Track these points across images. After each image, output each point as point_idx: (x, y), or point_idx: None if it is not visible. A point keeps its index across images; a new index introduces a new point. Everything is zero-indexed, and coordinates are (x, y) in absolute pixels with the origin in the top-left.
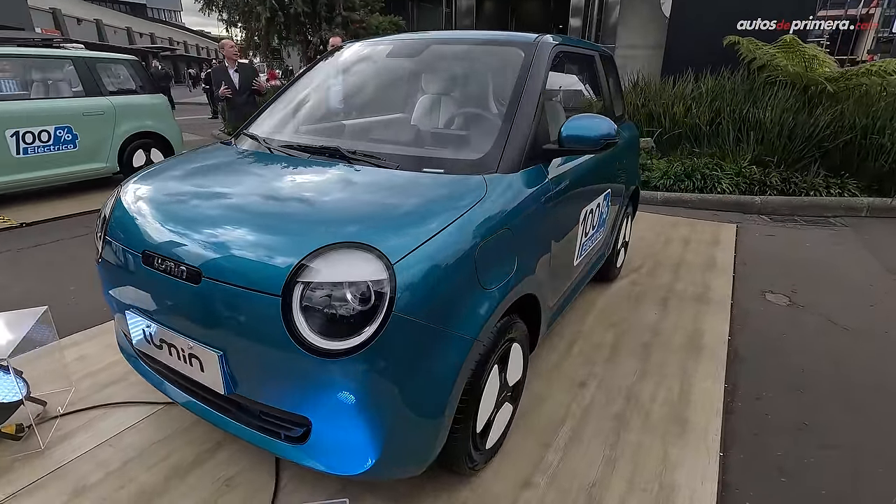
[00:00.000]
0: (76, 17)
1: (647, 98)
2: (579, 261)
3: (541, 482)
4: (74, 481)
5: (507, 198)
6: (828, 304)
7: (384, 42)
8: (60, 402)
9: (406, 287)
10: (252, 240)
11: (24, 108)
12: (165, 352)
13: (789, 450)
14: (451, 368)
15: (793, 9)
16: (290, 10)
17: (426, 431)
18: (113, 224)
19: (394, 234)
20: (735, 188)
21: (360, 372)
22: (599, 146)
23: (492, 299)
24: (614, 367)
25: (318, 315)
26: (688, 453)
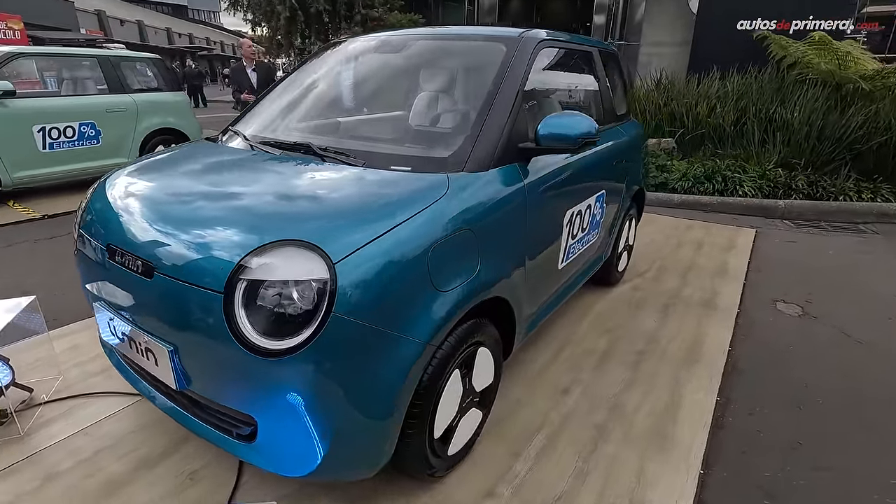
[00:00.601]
0: (119, 18)
1: (670, 97)
2: (566, 265)
3: (505, 492)
4: (47, 468)
5: (470, 197)
6: (844, 315)
7: (372, 39)
8: (47, 389)
9: (348, 287)
10: (202, 236)
11: (50, 104)
12: (127, 345)
13: (778, 470)
14: (398, 371)
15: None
16: (309, 10)
17: (373, 434)
18: (86, 217)
19: (340, 232)
20: (758, 191)
21: (300, 372)
22: (578, 145)
23: (448, 301)
24: (602, 375)
25: (259, 313)
26: (666, 469)
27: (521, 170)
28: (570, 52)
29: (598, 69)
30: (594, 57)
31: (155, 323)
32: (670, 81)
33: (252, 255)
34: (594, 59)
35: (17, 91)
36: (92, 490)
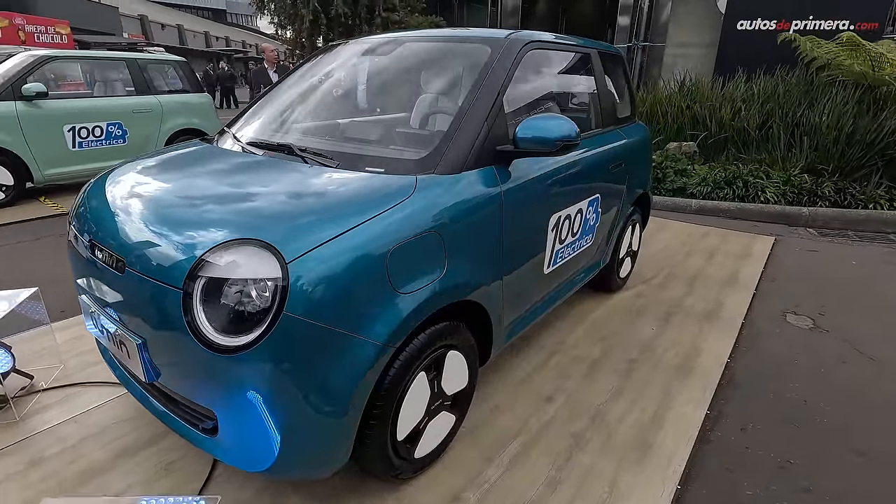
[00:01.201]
0: (161, 22)
1: (694, 99)
2: (553, 270)
3: (471, 497)
4: (33, 453)
5: (437, 200)
6: (859, 330)
7: (364, 42)
8: (47, 377)
9: (300, 286)
10: (168, 234)
11: (80, 105)
12: (106, 337)
13: (761, 489)
14: (352, 371)
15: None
16: (331, 13)
17: (328, 433)
18: (76, 214)
19: (297, 232)
20: (781, 198)
21: (253, 369)
22: (556, 148)
23: (409, 303)
24: (589, 384)
25: (215, 310)
26: (641, 482)
27: (498, 173)
28: (564, 54)
29: (596, 71)
30: (592, 59)
31: (126, 316)
32: (694, 83)
33: (209, 254)
34: (592, 61)
35: (49, 92)
36: (71, 476)
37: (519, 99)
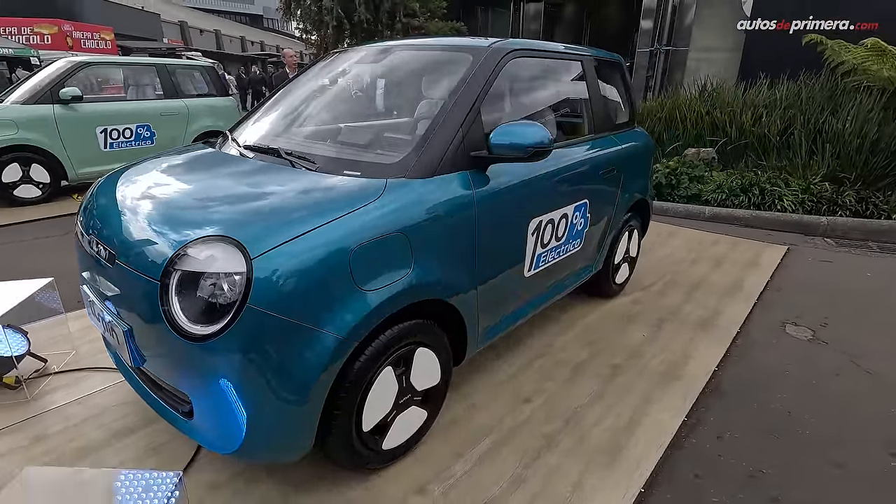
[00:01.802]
0: (199, 28)
1: (714, 105)
2: (535, 273)
3: (436, 490)
4: (39, 430)
5: (405, 202)
6: (861, 343)
7: (359, 50)
8: (59, 362)
9: (264, 280)
10: (152, 230)
11: (112, 108)
12: (101, 324)
13: (728, 497)
14: (313, 362)
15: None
16: (354, 19)
17: (290, 419)
18: (82, 209)
19: (264, 230)
20: (799, 206)
21: (220, 357)
22: (528, 154)
23: (371, 300)
24: (570, 387)
25: (187, 300)
26: (605, 484)
27: (472, 177)
28: (551, 61)
29: (588, 78)
30: (584, 66)
31: (115, 305)
32: (716, 88)
33: (183, 249)
34: (584, 68)
35: (83, 96)
36: (70, 452)
37: (499, 106)
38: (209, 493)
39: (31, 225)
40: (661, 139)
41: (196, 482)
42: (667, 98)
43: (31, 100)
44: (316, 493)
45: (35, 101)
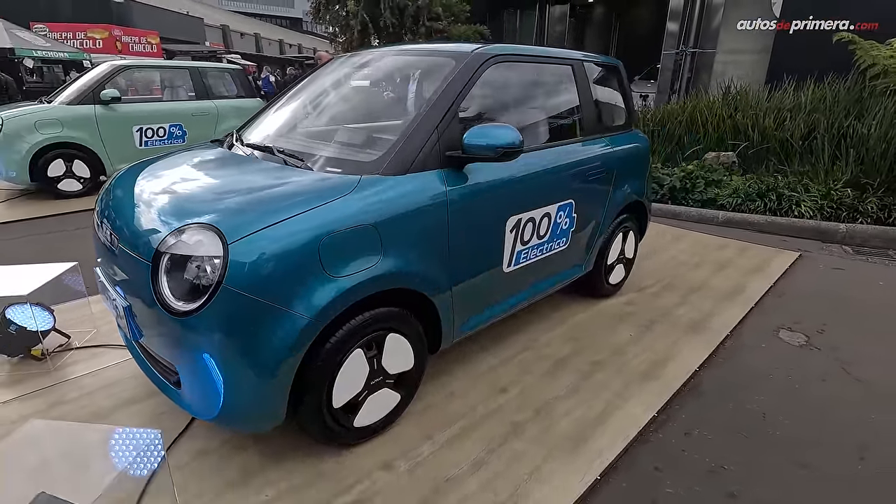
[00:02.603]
0: (240, 31)
1: (736, 108)
2: (516, 269)
3: (401, 467)
4: (57, 397)
5: (376, 197)
6: (856, 350)
7: (355, 55)
8: (81, 339)
9: (239, 264)
10: (150, 219)
11: (147, 108)
12: (110, 304)
13: (683, 490)
14: (282, 339)
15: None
16: (379, 23)
17: (262, 391)
18: (98, 201)
19: (242, 219)
20: (818, 212)
21: (199, 331)
22: (498, 154)
23: (339, 286)
24: (548, 380)
25: (174, 280)
26: (564, 470)
27: (446, 175)
28: (537, 66)
29: (578, 82)
30: (575, 70)
31: (119, 283)
32: (740, 91)
33: (171, 235)
34: (575, 73)
35: (122, 97)
36: (81, 417)
37: (480, 108)
38: (198, 457)
39: (73, 216)
40: (682, 142)
41: (188, 448)
42: (688, 101)
43: (75, 101)
44: (290, 463)
45: (78, 102)
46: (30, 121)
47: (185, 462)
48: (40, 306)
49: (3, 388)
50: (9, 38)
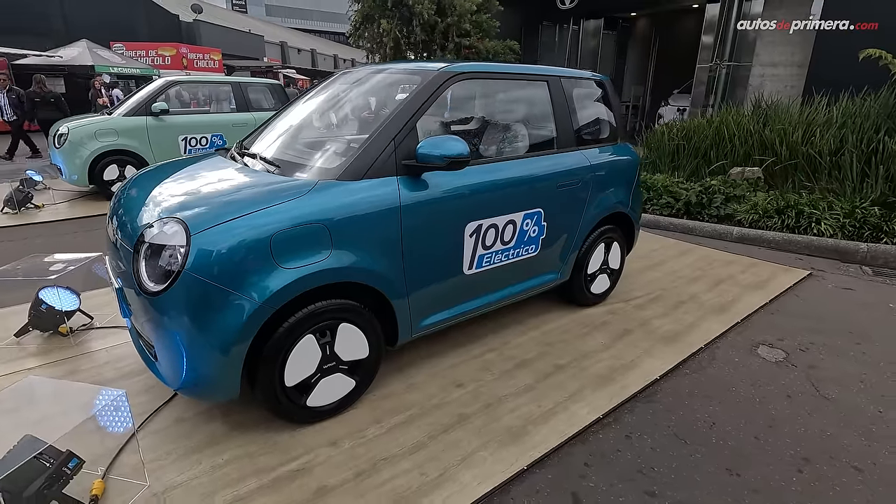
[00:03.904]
0: (297, 47)
1: (766, 122)
2: (478, 272)
3: (346, 444)
4: (72, 367)
5: (328, 199)
6: (833, 370)
7: (342, 73)
8: (103, 320)
9: (199, 252)
10: (140, 214)
11: (192, 119)
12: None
13: (604, 485)
14: (234, 320)
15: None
16: (410, 39)
17: (217, 365)
18: (112, 200)
19: (206, 214)
20: (839, 231)
21: (166, 309)
22: (446, 163)
23: (288, 276)
24: (506, 379)
25: (149, 265)
26: (494, 459)
27: (401, 181)
28: (509, 82)
29: (555, 97)
30: (551, 86)
31: (114, 269)
32: (770, 105)
33: (150, 227)
34: (551, 88)
35: (169, 109)
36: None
37: (442, 121)
38: (174, 424)
39: None
40: (709, 157)
41: (168, 415)
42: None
43: (130, 112)
44: (250, 434)
45: (133, 114)
46: (90, 130)
47: (164, 427)
48: (69, 289)
49: (34, 357)
50: (90, 56)
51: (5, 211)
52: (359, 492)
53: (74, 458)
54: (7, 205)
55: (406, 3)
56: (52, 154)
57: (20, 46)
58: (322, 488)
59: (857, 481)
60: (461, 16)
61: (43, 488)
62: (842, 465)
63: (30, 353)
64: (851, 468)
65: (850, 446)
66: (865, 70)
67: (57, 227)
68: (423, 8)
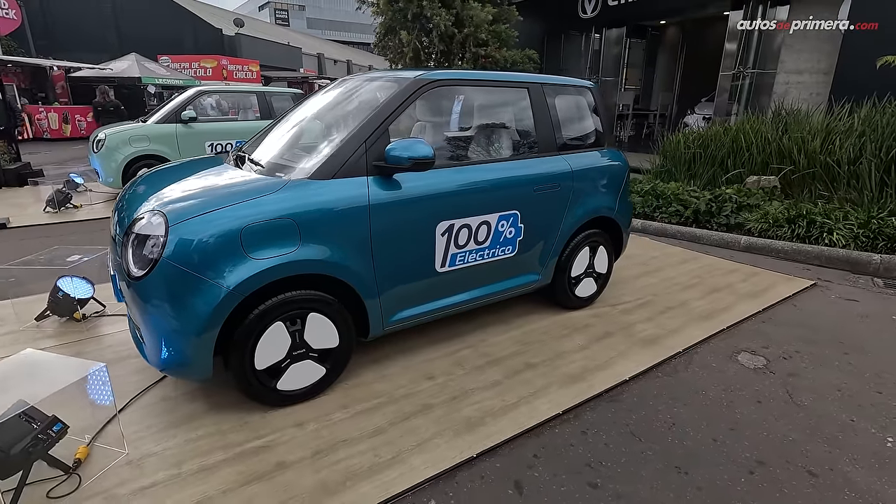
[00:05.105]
0: (333, 59)
1: (785, 130)
2: (450, 270)
3: (311, 426)
4: (79, 349)
5: (297, 196)
6: (813, 379)
7: (347, 79)
8: (114, 308)
9: (175, 242)
10: (133, 209)
11: (218, 126)
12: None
13: (549, 475)
14: (206, 304)
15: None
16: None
17: (191, 346)
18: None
19: (185, 208)
20: (852, 241)
21: (146, 293)
22: (409, 164)
23: (257, 266)
24: (476, 374)
25: (135, 254)
26: (448, 445)
27: (372, 181)
28: (486, 89)
29: (535, 103)
30: (532, 92)
31: (111, 258)
32: (790, 112)
33: (137, 220)
34: (531, 94)
35: (197, 117)
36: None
37: (414, 125)
38: (161, 401)
39: None
40: (726, 166)
41: (156, 393)
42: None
43: (162, 120)
44: (226, 413)
45: (164, 121)
46: (125, 136)
47: (151, 403)
48: (84, 279)
49: (50, 338)
50: (138, 68)
51: (47, 210)
52: (314, 468)
53: (59, 422)
54: (49, 204)
55: (425, 15)
56: (91, 158)
57: (79, 60)
58: (281, 463)
59: (808, 485)
60: (478, 26)
61: (28, 447)
62: (796, 470)
63: (47, 335)
64: (806, 472)
65: (810, 452)
66: (894, 76)
67: (91, 225)
68: (440, 20)
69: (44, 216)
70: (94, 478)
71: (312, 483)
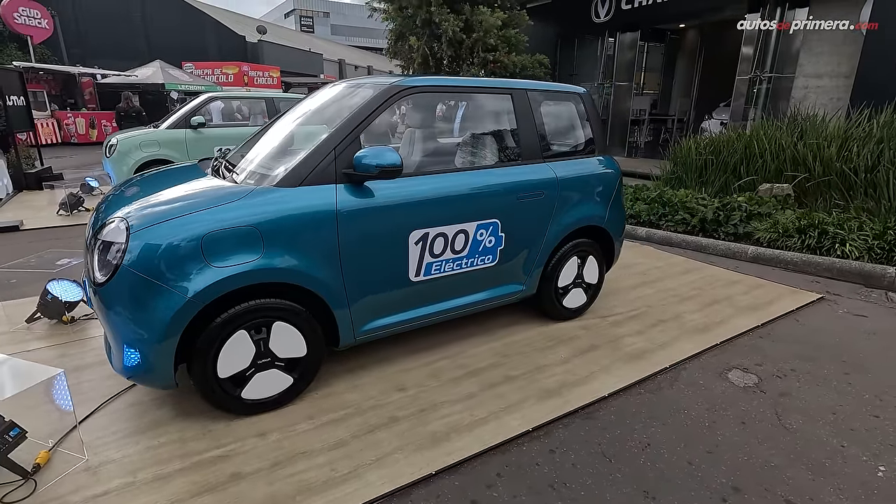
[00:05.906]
0: (354, 64)
1: (801, 136)
2: (425, 279)
3: (273, 437)
4: (63, 351)
5: (261, 204)
6: (805, 400)
7: (334, 84)
8: None
9: (136, 248)
10: (103, 216)
11: (226, 132)
12: None
13: (508, 497)
14: (166, 311)
15: None
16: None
17: (152, 354)
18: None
19: (146, 215)
20: (866, 253)
21: (108, 299)
22: (376, 172)
23: (218, 274)
24: (450, 387)
25: (100, 260)
26: (409, 460)
27: (341, 189)
28: (466, 96)
29: (519, 109)
30: (515, 99)
31: (84, 263)
32: (806, 117)
33: (103, 227)
34: (515, 101)
35: (206, 122)
36: (67, 365)
37: (389, 132)
38: (129, 407)
39: None
40: (738, 173)
41: (126, 400)
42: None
43: (172, 125)
44: (190, 421)
45: (175, 127)
46: (136, 141)
47: (120, 409)
48: (74, 282)
49: (39, 340)
50: (162, 75)
51: (60, 213)
52: (268, 480)
53: (16, 427)
54: (62, 207)
55: (434, 21)
56: (104, 162)
57: (110, 68)
58: (236, 474)
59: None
60: (487, 31)
61: None
62: (773, 498)
63: (35, 336)
64: (784, 502)
65: (792, 479)
66: None
67: None
68: (449, 25)
69: (56, 219)
70: (49, 483)
71: (262, 496)
